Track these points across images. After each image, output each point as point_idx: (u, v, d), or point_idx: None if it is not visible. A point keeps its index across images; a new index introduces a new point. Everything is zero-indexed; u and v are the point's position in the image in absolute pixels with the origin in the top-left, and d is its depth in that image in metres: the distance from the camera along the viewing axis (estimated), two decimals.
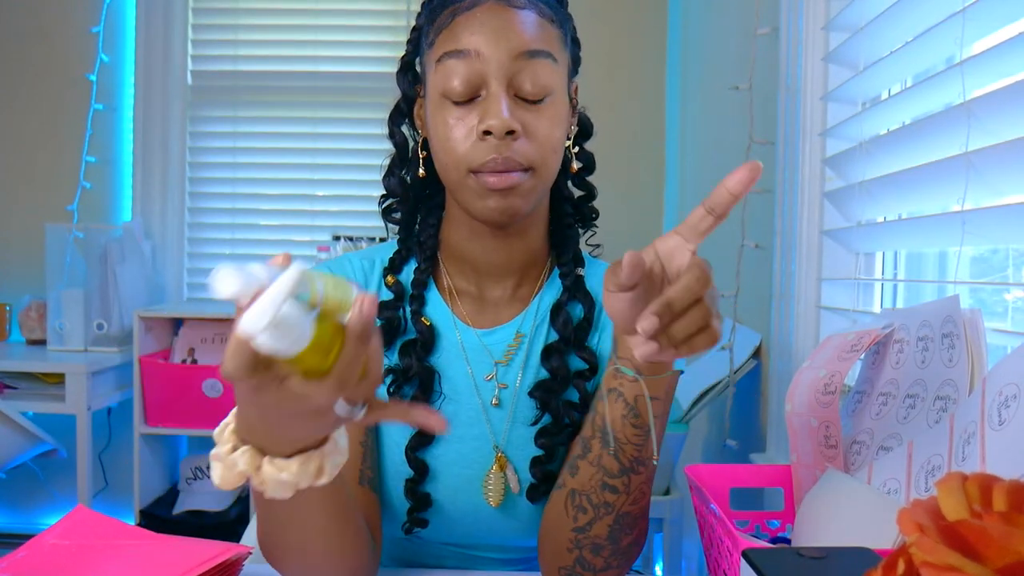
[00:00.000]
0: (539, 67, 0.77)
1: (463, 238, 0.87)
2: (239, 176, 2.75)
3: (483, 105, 0.77)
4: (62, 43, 2.70)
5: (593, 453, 0.73)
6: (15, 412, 2.08)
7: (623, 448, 0.72)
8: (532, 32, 0.78)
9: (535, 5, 0.79)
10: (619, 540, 0.75)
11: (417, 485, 0.85)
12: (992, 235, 0.84)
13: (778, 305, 1.39)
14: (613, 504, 0.73)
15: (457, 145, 0.77)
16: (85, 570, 0.74)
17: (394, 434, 0.86)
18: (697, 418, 1.77)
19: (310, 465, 0.58)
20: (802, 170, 1.30)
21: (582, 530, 0.75)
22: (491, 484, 0.85)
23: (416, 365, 0.84)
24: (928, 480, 0.65)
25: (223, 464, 0.58)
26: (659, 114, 2.67)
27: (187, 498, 2.40)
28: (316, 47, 2.74)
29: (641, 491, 0.74)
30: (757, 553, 0.50)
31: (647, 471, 0.73)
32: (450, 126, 0.78)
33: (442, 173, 0.82)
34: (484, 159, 0.76)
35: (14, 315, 2.66)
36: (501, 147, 0.76)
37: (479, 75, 0.77)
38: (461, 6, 0.78)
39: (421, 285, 0.88)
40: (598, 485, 0.74)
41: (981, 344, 0.68)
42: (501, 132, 0.75)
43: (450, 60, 0.77)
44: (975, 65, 0.82)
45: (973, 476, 0.34)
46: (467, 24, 0.77)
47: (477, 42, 0.76)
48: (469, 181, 0.78)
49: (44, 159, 2.72)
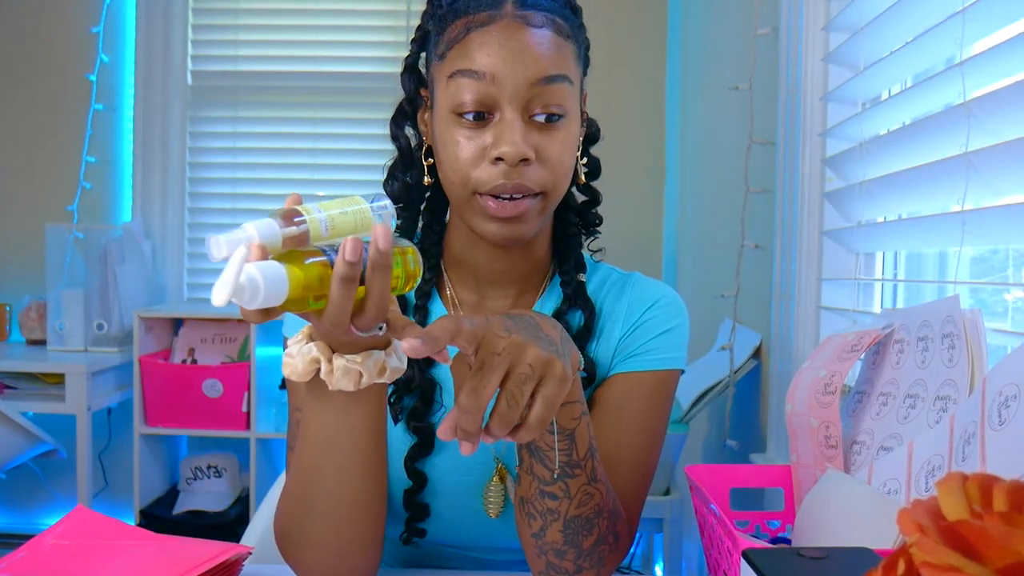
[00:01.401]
0: (555, 91, 0.75)
1: (465, 247, 0.86)
2: (239, 176, 2.75)
3: (496, 129, 0.75)
4: (62, 43, 2.70)
5: (525, 462, 0.73)
6: (15, 412, 2.08)
7: (547, 454, 0.70)
8: (549, 55, 0.75)
9: (552, 22, 0.76)
10: (579, 543, 0.74)
11: (415, 495, 0.85)
12: (992, 235, 0.84)
13: (778, 305, 1.39)
14: (557, 510, 0.72)
15: (466, 165, 0.75)
16: (85, 570, 0.74)
17: (395, 441, 0.86)
18: (697, 418, 1.77)
19: (372, 360, 0.62)
20: (802, 170, 1.30)
21: (538, 536, 0.74)
22: (491, 495, 0.85)
23: (418, 376, 0.84)
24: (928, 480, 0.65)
25: (297, 354, 0.62)
26: (659, 114, 2.67)
27: (187, 498, 2.40)
28: (316, 47, 2.74)
29: (587, 493, 0.73)
30: (757, 553, 0.50)
31: (586, 473, 0.72)
32: (459, 144, 0.76)
33: (447, 187, 0.80)
34: (493, 184, 0.74)
35: (14, 315, 2.66)
36: (512, 173, 0.74)
37: (493, 98, 0.74)
38: (475, 20, 0.75)
39: (425, 296, 0.87)
40: (537, 493, 0.72)
41: (981, 344, 0.68)
42: (514, 160, 0.73)
43: (463, 79, 0.74)
44: (975, 65, 0.82)
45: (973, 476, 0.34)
46: (482, 43, 0.74)
47: (493, 64, 0.74)
48: (474, 202, 0.77)
49: (44, 159, 2.72)
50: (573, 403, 0.70)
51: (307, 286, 0.55)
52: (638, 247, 2.66)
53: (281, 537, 0.76)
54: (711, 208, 2.06)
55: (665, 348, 0.86)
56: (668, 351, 0.86)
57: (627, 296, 0.89)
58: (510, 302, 0.88)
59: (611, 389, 0.85)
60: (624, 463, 0.82)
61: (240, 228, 0.54)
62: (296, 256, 0.55)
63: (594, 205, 0.92)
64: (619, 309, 0.88)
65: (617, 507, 0.78)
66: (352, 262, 0.54)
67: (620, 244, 2.58)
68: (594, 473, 0.73)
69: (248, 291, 0.51)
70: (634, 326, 0.87)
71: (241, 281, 0.51)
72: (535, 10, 0.76)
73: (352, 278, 0.55)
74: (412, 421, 0.84)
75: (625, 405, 0.84)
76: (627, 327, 0.87)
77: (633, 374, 0.85)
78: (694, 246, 2.29)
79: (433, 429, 0.85)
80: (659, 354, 0.85)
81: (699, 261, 2.21)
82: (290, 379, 0.67)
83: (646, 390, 0.85)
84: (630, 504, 0.82)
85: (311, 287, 0.55)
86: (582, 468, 0.72)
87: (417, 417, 0.84)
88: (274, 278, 0.52)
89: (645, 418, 0.84)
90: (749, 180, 1.51)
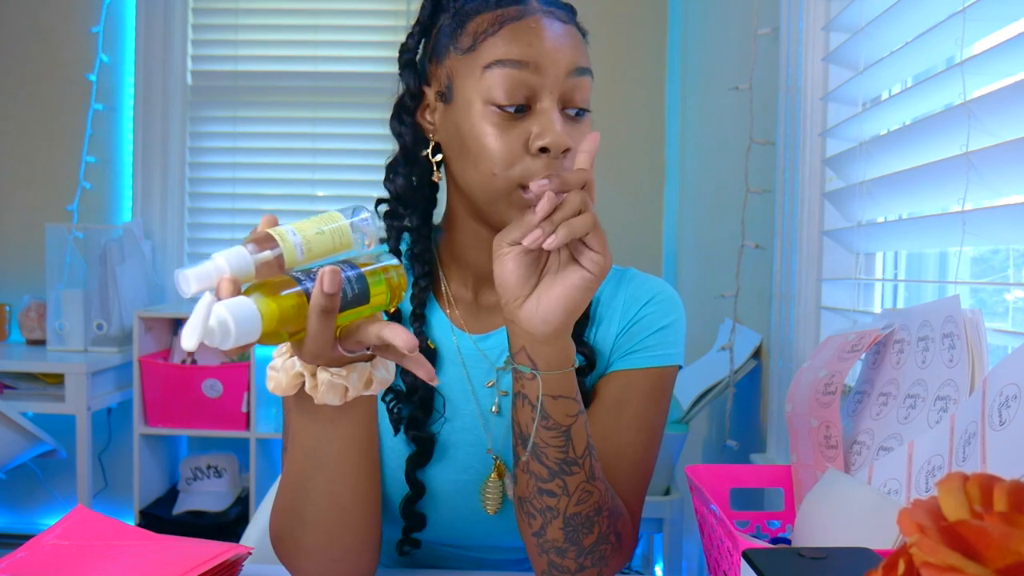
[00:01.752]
0: (585, 84, 0.77)
1: (467, 246, 0.85)
2: (239, 176, 2.75)
3: (537, 119, 0.74)
4: (62, 43, 2.70)
5: (522, 460, 0.73)
6: (15, 412, 2.08)
7: (545, 452, 0.70)
8: (580, 48, 0.77)
9: (573, 20, 0.80)
10: (579, 541, 0.74)
11: (413, 504, 0.85)
12: (992, 235, 0.84)
13: (778, 305, 1.39)
14: (556, 507, 0.73)
15: (505, 157, 0.74)
16: (85, 570, 0.74)
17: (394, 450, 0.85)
18: (697, 418, 1.77)
19: (357, 374, 0.62)
20: (802, 170, 1.30)
21: (539, 534, 0.75)
22: (489, 492, 0.85)
23: (420, 386, 0.84)
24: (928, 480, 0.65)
25: (281, 368, 0.62)
26: (659, 114, 2.67)
27: (187, 498, 2.40)
28: (316, 47, 2.74)
29: (585, 491, 0.73)
30: (757, 553, 0.50)
31: (583, 470, 0.72)
32: (496, 135, 0.74)
33: (478, 182, 0.77)
34: (537, 175, 0.73)
35: (14, 315, 2.66)
36: (554, 164, 0.74)
37: (533, 88, 0.74)
38: (507, 13, 0.76)
39: (422, 305, 0.87)
40: (535, 491, 0.73)
41: (982, 344, 0.68)
42: (559, 150, 0.73)
43: (504, 68, 0.74)
44: (975, 65, 0.82)
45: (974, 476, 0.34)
46: (521, 33, 0.75)
47: (535, 54, 0.74)
48: (515, 196, 0.75)
49: (44, 159, 2.72)
50: (569, 399, 0.70)
51: (282, 319, 0.53)
52: (638, 247, 2.66)
53: (275, 543, 0.76)
54: (711, 208, 2.06)
55: (662, 344, 0.86)
56: (665, 347, 0.86)
57: (623, 291, 0.89)
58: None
59: (609, 387, 0.85)
60: (624, 461, 0.83)
61: (210, 259, 0.52)
62: (270, 287, 0.53)
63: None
64: (616, 303, 0.88)
65: (617, 505, 0.78)
66: (331, 294, 0.54)
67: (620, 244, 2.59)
68: (592, 471, 0.73)
69: (219, 334, 0.50)
70: (631, 323, 0.87)
71: (211, 324, 0.49)
72: (556, 7, 0.79)
73: (330, 310, 0.54)
74: (411, 430, 0.84)
75: (624, 403, 0.84)
76: (624, 324, 0.87)
77: (631, 371, 0.85)
78: (694, 246, 2.29)
79: (433, 438, 0.85)
80: (656, 350, 0.85)
81: (699, 261, 2.21)
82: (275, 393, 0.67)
83: (644, 387, 0.85)
84: (631, 502, 0.82)
85: (287, 320, 0.53)
86: (580, 465, 0.72)
87: (417, 427, 0.84)
88: (246, 317, 0.50)
89: (644, 415, 0.84)
90: (749, 180, 1.51)
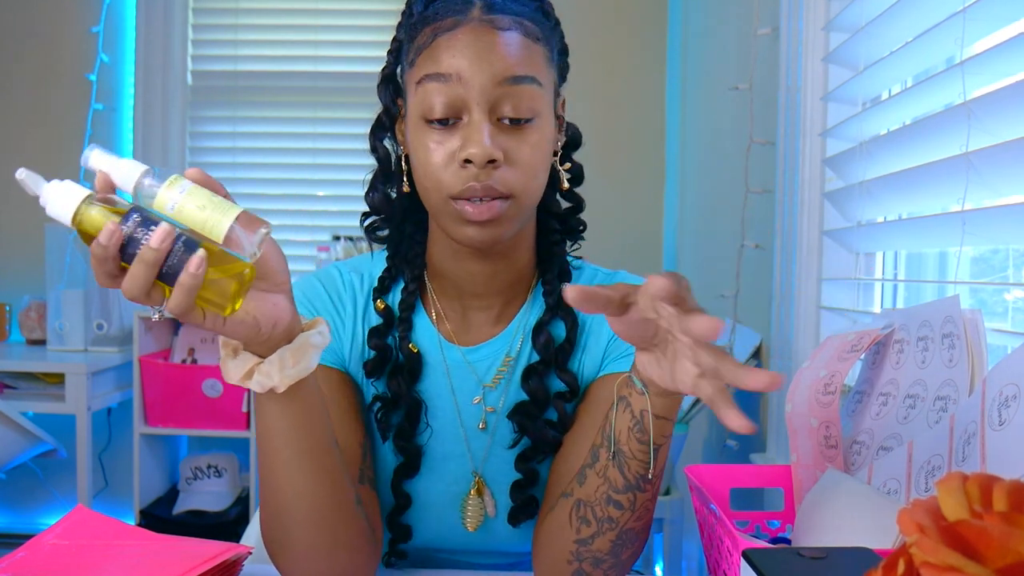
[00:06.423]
0: (523, 92, 0.75)
1: (446, 258, 0.85)
2: (239, 176, 2.75)
3: (464, 131, 0.74)
4: (62, 43, 2.70)
5: (600, 463, 0.71)
6: (15, 412, 2.08)
7: (628, 463, 0.69)
8: (516, 56, 0.75)
9: (520, 24, 0.76)
10: (620, 554, 0.74)
11: (398, 516, 0.85)
12: (992, 235, 0.84)
13: (778, 305, 1.39)
14: (617, 520, 0.72)
15: (437, 170, 0.75)
16: (85, 570, 0.74)
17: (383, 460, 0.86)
18: (697, 418, 1.77)
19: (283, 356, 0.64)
20: (802, 170, 1.30)
21: (584, 543, 0.73)
22: (469, 509, 0.85)
23: (404, 394, 0.84)
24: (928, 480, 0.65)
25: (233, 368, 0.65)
26: (659, 114, 2.67)
27: (187, 498, 2.40)
28: (316, 47, 2.74)
29: (646, 508, 0.72)
30: (757, 553, 0.50)
31: (652, 489, 0.72)
32: (430, 150, 0.75)
33: (423, 195, 0.79)
34: (463, 186, 0.74)
35: (14, 315, 2.66)
36: (481, 175, 0.74)
37: (460, 100, 0.74)
38: (442, 26, 0.75)
39: (409, 308, 0.87)
40: (603, 498, 0.71)
41: (981, 344, 0.68)
42: (482, 161, 0.73)
43: (431, 83, 0.75)
44: (975, 65, 0.82)
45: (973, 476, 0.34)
46: (449, 46, 0.74)
47: (459, 66, 0.74)
48: (449, 207, 0.76)
49: (44, 159, 2.72)
50: (668, 421, 0.69)
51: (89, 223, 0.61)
52: (638, 247, 2.66)
53: (266, 545, 0.76)
54: (711, 208, 2.06)
55: None
56: None
57: None
58: (495, 312, 0.87)
59: (604, 389, 0.84)
60: None
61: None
62: (109, 204, 0.62)
63: (577, 212, 0.90)
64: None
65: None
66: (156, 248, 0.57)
67: (620, 244, 2.60)
68: (656, 492, 0.73)
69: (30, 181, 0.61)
70: None
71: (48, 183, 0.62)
72: (502, 14, 0.76)
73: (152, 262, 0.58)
74: (399, 440, 0.84)
75: None
76: None
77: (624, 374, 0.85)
78: (694, 246, 2.29)
79: (419, 450, 0.85)
80: None
81: (699, 261, 2.21)
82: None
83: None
84: None
85: (86, 229, 0.61)
86: (652, 485, 0.71)
87: (403, 437, 0.84)
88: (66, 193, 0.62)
89: None
90: (749, 180, 1.51)
